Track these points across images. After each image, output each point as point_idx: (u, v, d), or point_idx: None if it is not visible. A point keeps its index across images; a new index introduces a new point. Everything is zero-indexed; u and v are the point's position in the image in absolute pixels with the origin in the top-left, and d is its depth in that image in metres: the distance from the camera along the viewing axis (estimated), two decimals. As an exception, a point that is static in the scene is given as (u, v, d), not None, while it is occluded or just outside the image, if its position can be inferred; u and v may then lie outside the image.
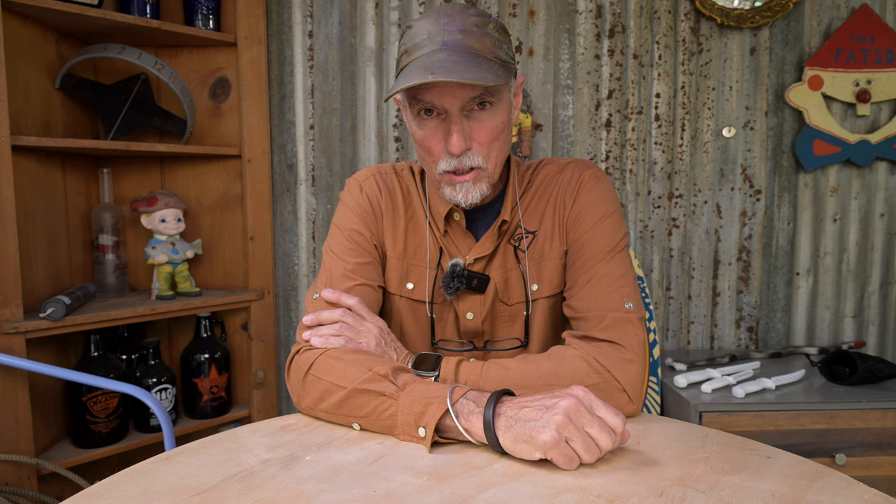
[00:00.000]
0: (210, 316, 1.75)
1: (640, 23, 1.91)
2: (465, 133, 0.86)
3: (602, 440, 0.66)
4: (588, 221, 0.95)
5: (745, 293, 2.00)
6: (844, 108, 1.94)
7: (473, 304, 0.98)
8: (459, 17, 0.85)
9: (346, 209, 1.01)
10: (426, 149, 0.90)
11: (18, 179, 1.44)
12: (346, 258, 0.96)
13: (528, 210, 0.99)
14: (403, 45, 0.88)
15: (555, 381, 0.81)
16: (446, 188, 0.91)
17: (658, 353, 1.76)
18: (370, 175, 1.03)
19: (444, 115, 0.87)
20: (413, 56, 0.85)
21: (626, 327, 0.85)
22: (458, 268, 0.95)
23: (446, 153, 0.88)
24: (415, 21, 0.89)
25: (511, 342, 0.99)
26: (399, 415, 0.74)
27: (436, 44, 0.84)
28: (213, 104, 1.82)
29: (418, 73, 0.81)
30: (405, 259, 0.99)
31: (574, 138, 1.94)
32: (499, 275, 0.98)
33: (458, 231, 0.99)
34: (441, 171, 0.89)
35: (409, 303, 1.00)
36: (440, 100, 0.85)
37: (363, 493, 0.61)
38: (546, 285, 0.98)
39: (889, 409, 1.52)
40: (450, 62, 0.81)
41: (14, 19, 1.46)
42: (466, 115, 0.87)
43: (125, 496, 0.61)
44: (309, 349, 0.87)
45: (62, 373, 1.37)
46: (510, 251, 0.98)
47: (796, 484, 0.62)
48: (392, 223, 1.00)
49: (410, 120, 0.91)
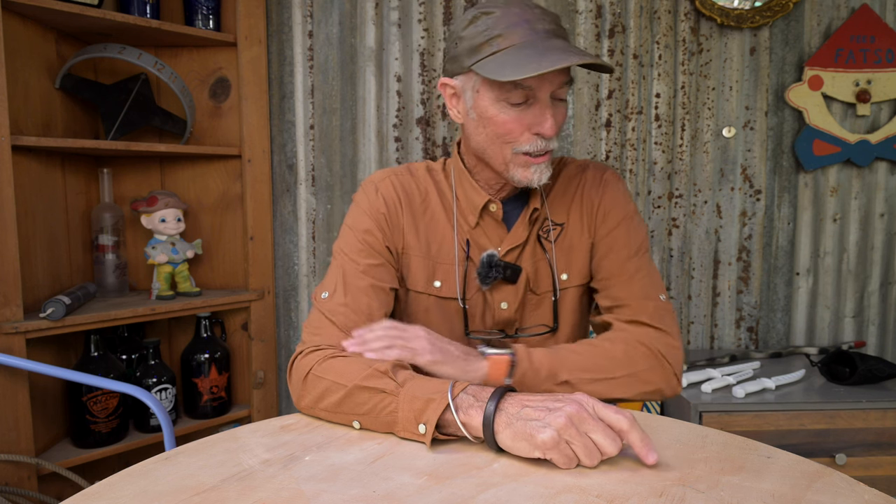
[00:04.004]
0: (210, 316, 1.75)
1: (640, 23, 1.91)
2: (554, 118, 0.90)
3: (605, 445, 0.65)
4: (616, 218, 1.01)
5: (745, 293, 2.00)
6: (844, 108, 1.94)
7: (507, 294, 1.00)
8: (542, 9, 0.90)
9: (360, 210, 1.01)
10: (507, 132, 0.91)
11: (18, 179, 1.44)
12: (358, 259, 0.96)
13: (555, 203, 1.02)
14: (490, 28, 0.87)
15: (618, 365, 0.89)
16: (518, 170, 0.93)
17: (658, 353, 1.76)
18: (386, 176, 1.04)
19: (532, 100, 0.89)
20: (514, 40, 0.86)
21: (667, 316, 0.95)
22: (494, 258, 0.97)
23: (531, 136, 0.90)
24: (493, 8, 0.89)
25: (540, 328, 1.01)
26: (400, 411, 0.74)
27: (539, 32, 0.86)
28: (213, 104, 1.82)
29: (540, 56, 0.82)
30: (430, 257, 1.00)
31: (574, 138, 1.94)
32: (529, 265, 1.00)
33: (490, 222, 1.00)
34: (519, 152, 0.91)
35: (438, 300, 1.00)
36: (540, 84, 0.87)
37: (363, 494, 0.61)
38: (576, 275, 1.01)
39: (889, 409, 1.52)
40: (569, 49, 0.85)
41: (14, 19, 1.46)
42: (553, 102, 0.90)
43: (125, 496, 0.61)
44: (313, 351, 0.87)
45: (62, 373, 1.37)
46: (537, 242, 1.01)
47: (796, 484, 0.62)
48: (412, 223, 1.00)
49: (489, 107, 0.90)
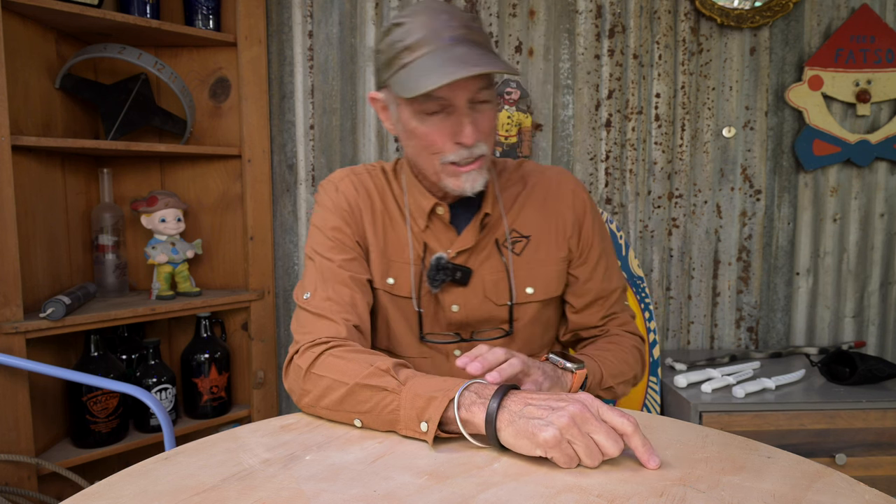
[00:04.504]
0: (210, 316, 1.75)
1: (640, 23, 1.91)
2: (475, 125, 0.89)
3: (607, 446, 0.65)
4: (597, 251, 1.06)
5: (745, 293, 2.00)
6: (844, 108, 1.94)
7: (457, 297, 1.00)
8: (454, 13, 0.88)
9: (325, 209, 1.02)
10: (430, 143, 0.91)
11: (18, 179, 1.44)
12: (333, 256, 0.97)
13: (523, 215, 1.03)
14: (399, 41, 0.87)
15: (630, 368, 1.01)
16: (450, 179, 0.93)
17: (658, 353, 1.76)
18: (345, 176, 1.05)
19: (450, 108, 0.88)
20: (419, 52, 0.85)
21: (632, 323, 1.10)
22: (442, 261, 0.98)
23: (454, 145, 0.90)
24: (403, 18, 0.88)
25: (496, 332, 1.02)
26: (402, 410, 0.74)
27: (444, 39, 0.85)
28: (213, 104, 1.82)
29: (441, 68, 0.82)
30: (386, 255, 1.01)
31: (574, 138, 1.94)
32: (487, 273, 1.00)
33: (439, 226, 1.01)
34: (446, 162, 0.91)
35: (393, 298, 1.01)
36: (452, 94, 0.86)
37: (363, 493, 0.61)
38: (542, 289, 1.02)
39: (889, 409, 1.52)
40: (474, 55, 0.83)
41: (14, 19, 1.46)
42: (471, 109, 0.89)
43: (125, 496, 0.61)
44: (309, 347, 0.87)
45: (62, 373, 1.37)
46: (496, 253, 1.01)
47: (797, 484, 0.62)
48: (371, 220, 1.02)
49: (408, 117, 0.91)
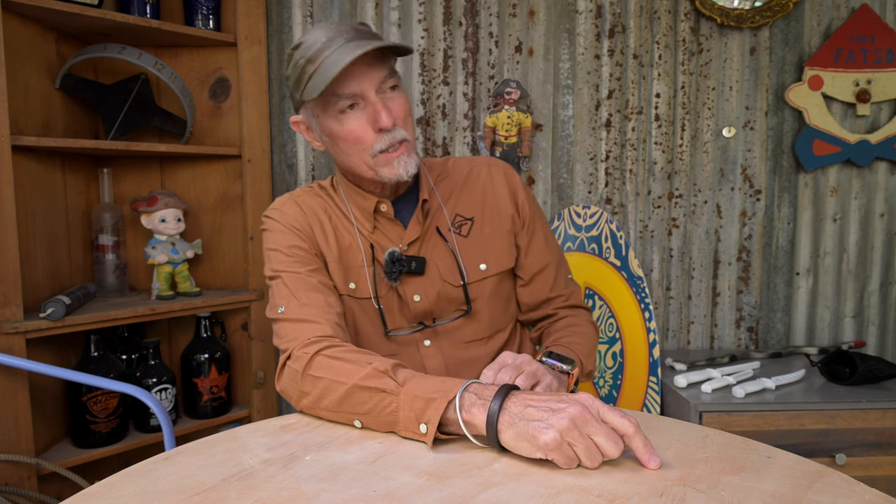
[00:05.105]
0: (210, 316, 1.75)
1: (640, 23, 1.91)
2: (388, 110, 0.95)
3: (607, 448, 0.65)
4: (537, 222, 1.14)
5: (745, 293, 2.00)
6: (844, 108, 1.94)
7: (418, 287, 1.04)
8: (345, 22, 0.97)
9: (276, 233, 1.04)
10: (355, 140, 0.96)
11: (18, 179, 1.44)
12: (297, 269, 0.99)
13: (463, 199, 1.10)
14: (301, 57, 0.94)
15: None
16: (384, 169, 0.97)
17: (658, 353, 1.76)
18: (286, 200, 1.09)
19: (362, 102, 0.95)
20: (321, 58, 0.92)
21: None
22: (395, 254, 1.02)
23: (377, 134, 0.95)
24: (300, 40, 0.96)
25: (455, 313, 1.06)
26: (401, 411, 0.74)
27: (340, 42, 0.92)
28: (213, 104, 1.82)
29: (341, 59, 0.89)
30: (343, 262, 1.04)
31: (574, 138, 1.94)
32: (438, 257, 1.05)
33: (386, 223, 1.05)
34: (375, 153, 0.96)
35: (357, 301, 1.04)
36: (360, 86, 0.93)
37: (363, 493, 0.61)
38: (495, 263, 1.08)
39: (889, 409, 1.52)
40: (363, 42, 0.91)
41: (14, 19, 1.46)
42: (382, 97, 0.95)
43: (125, 496, 0.61)
44: (301, 349, 0.87)
45: (62, 373, 1.37)
46: (438, 235, 1.06)
47: (797, 484, 0.62)
48: (322, 233, 1.05)
49: (331, 124, 0.97)
